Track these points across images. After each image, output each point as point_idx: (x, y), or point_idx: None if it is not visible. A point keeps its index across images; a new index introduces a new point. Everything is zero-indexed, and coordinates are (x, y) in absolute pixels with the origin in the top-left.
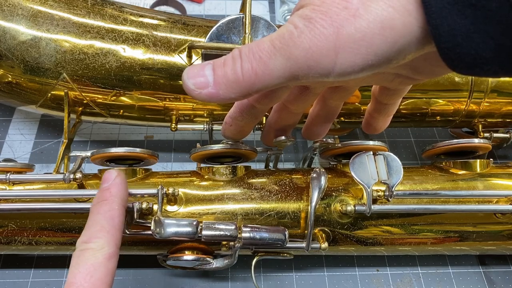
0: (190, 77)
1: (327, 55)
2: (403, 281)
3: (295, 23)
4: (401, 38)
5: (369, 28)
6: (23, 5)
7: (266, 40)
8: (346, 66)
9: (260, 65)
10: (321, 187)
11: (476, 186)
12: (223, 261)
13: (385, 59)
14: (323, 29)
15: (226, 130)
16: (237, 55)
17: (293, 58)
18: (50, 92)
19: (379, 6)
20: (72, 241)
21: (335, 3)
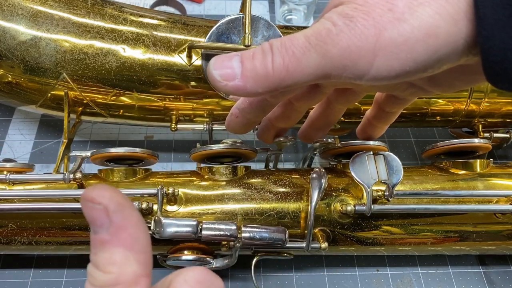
0: (216, 68)
1: (365, 56)
2: (403, 281)
3: (334, 20)
4: (443, 48)
5: (413, 34)
6: (23, 5)
7: (300, 35)
8: (382, 70)
9: (293, 61)
10: (321, 187)
11: (476, 186)
12: (223, 261)
13: (423, 67)
14: (365, 29)
15: (231, 122)
16: (268, 49)
17: (329, 56)
18: (50, 92)
19: (425, 12)
20: (72, 241)
21: (379, 4)
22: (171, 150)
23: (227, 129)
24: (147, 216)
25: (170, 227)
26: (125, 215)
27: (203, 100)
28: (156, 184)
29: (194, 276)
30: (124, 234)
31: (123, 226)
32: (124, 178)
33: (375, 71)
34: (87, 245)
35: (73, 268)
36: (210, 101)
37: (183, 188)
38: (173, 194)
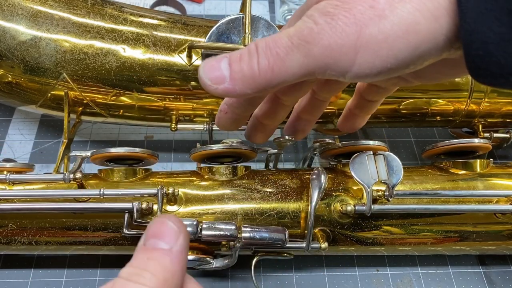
0: (206, 71)
1: (346, 53)
2: (403, 281)
3: (315, 19)
4: (423, 44)
5: (393, 31)
6: (23, 5)
7: (283, 35)
8: (364, 67)
9: (277, 62)
10: (321, 187)
11: (476, 186)
12: (223, 261)
13: (404, 64)
14: (346, 27)
15: (221, 119)
16: (253, 50)
17: (311, 55)
18: (50, 92)
19: (405, 9)
20: (72, 241)
21: (360, 1)
22: (171, 150)
23: (217, 126)
24: (147, 216)
25: None
26: None
27: (203, 100)
28: (156, 184)
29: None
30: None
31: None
32: (124, 178)
33: (357, 68)
34: (87, 245)
35: (73, 268)
36: (210, 101)
37: (183, 188)
38: (173, 194)
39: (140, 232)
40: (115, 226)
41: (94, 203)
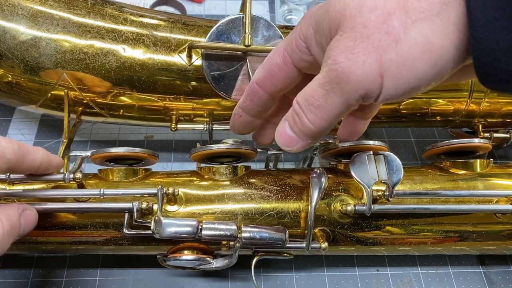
0: (282, 143)
1: (373, 81)
2: (403, 281)
3: (336, 59)
4: (439, 60)
5: (409, 53)
6: (23, 5)
7: (316, 86)
8: (390, 90)
9: (322, 111)
10: (321, 187)
11: (476, 186)
12: (223, 261)
13: (425, 81)
14: (366, 58)
15: (235, 122)
16: (298, 109)
17: (346, 93)
18: (50, 92)
19: (418, 30)
20: (72, 241)
21: (377, 28)
22: (171, 150)
23: (232, 131)
24: (147, 216)
25: (170, 227)
26: None
27: (203, 100)
28: (156, 184)
29: None
30: None
31: None
32: (124, 178)
33: (385, 92)
34: (87, 245)
35: (73, 268)
36: (210, 101)
37: (183, 188)
38: (173, 194)
39: (140, 232)
40: (115, 226)
41: (94, 203)
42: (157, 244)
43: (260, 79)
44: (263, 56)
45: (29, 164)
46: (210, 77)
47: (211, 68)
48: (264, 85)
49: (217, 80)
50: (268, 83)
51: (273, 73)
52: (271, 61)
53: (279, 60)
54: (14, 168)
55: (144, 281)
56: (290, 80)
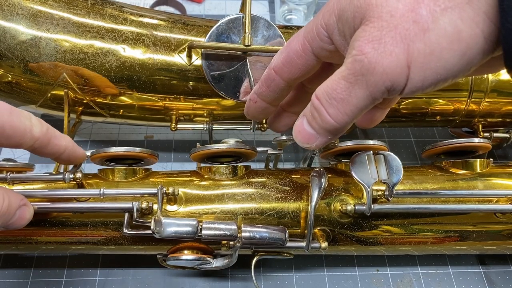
0: (300, 140)
1: (400, 72)
2: (403, 281)
3: (362, 49)
4: (468, 51)
5: (438, 42)
6: (23, 5)
7: (338, 78)
8: (417, 81)
9: (345, 105)
10: (321, 187)
11: (476, 186)
12: (223, 261)
13: (453, 72)
14: (394, 48)
15: (250, 108)
16: (318, 104)
17: (371, 85)
18: (50, 92)
19: (447, 19)
20: (72, 241)
21: (404, 17)
22: (171, 150)
23: (246, 116)
24: (147, 215)
25: (170, 226)
26: None
27: (203, 100)
28: (156, 184)
29: None
30: None
31: None
32: (124, 177)
33: (411, 83)
34: (87, 245)
35: (73, 268)
36: (210, 100)
37: (183, 188)
38: (173, 194)
39: (140, 232)
40: (115, 225)
41: (94, 203)
42: (157, 244)
43: (278, 65)
44: (263, 56)
45: (53, 148)
46: (210, 77)
47: (211, 68)
48: (281, 72)
49: (217, 80)
50: (286, 70)
51: (291, 60)
52: (290, 48)
53: (298, 47)
54: (38, 148)
55: (144, 281)
56: (308, 68)
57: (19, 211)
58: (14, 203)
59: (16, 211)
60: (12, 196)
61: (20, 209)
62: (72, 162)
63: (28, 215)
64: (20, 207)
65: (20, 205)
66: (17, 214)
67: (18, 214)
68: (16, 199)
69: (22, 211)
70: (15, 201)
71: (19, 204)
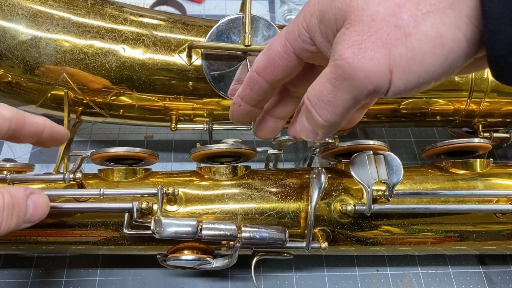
0: (308, 137)
1: (382, 77)
2: (403, 281)
3: (342, 53)
4: (450, 54)
5: (420, 47)
6: (23, 5)
7: (324, 80)
8: (399, 85)
9: (332, 106)
10: (321, 187)
11: (476, 186)
12: (223, 261)
13: (436, 76)
14: (375, 53)
15: (235, 112)
16: (309, 106)
17: (354, 88)
18: (50, 92)
19: (429, 23)
20: (72, 241)
21: (385, 21)
22: (171, 150)
23: (231, 120)
24: (147, 216)
25: (170, 226)
26: None
27: (203, 100)
28: (156, 184)
29: None
30: None
31: None
32: (124, 178)
33: (394, 87)
34: (87, 245)
35: (73, 268)
36: (210, 101)
37: (183, 188)
38: (173, 194)
39: (140, 232)
40: (115, 226)
41: (94, 203)
42: (157, 244)
43: (260, 67)
44: None
45: (32, 126)
46: (210, 77)
47: (211, 68)
48: (264, 74)
49: (217, 80)
50: (268, 72)
51: (274, 62)
52: (271, 50)
53: (279, 49)
54: (17, 130)
55: (144, 281)
56: (291, 69)
57: (30, 200)
58: (19, 194)
59: (26, 202)
60: (13, 189)
61: (31, 198)
62: (55, 141)
63: (42, 200)
64: (28, 196)
65: (27, 195)
66: (30, 204)
67: (31, 203)
68: (20, 191)
69: (35, 199)
70: (20, 193)
71: (25, 194)
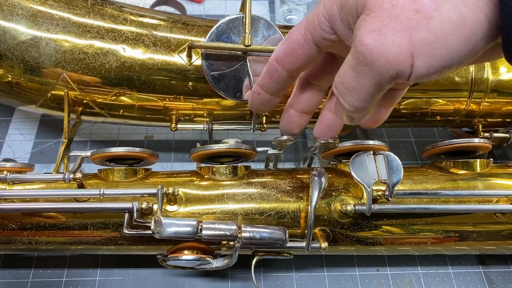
0: (348, 121)
1: (404, 61)
2: (403, 281)
3: (362, 39)
4: (472, 36)
5: (442, 29)
6: (23, 5)
7: (348, 68)
8: (422, 69)
9: (357, 92)
10: (321, 187)
11: (476, 186)
12: (223, 261)
13: (459, 59)
14: (395, 38)
15: (254, 100)
16: (336, 93)
17: (376, 73)
18: (50, 92)
19: (450, 6)
20: (72, 241)
21: (405, 7)
22: (171, 150)
23: (251, 109)
24: (147, 216)
25: (170, 226)
26: None
27: (203, 100)
28: (156, 184)
29: None
30: None
31: None
32: (124, 178)
33: (417, 71)
34: (87, 245)
35: (73, 268)
36: (210, 101)
37: (183, 188)
38: (173, 194)
39: (140, 232)
40: (115, 226)
41: (94, 203)
42: (157, 244)
43: (279, 56)
44: (263, 56)
45: None
46: (210, 77)
47: (211, 68)
48: (283, 63)
49: (217, 80)
50: (288, 60)
51: (293, 50)
52: (291, 38)
53: (299, 38)
54: None
55: (144, 281)
56: (310, 58)
57: None
58: None
59: None
60: None
61: None
62: None
63: None
64: None
65: None
66: None
67: None
68: None
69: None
70: None
71: None
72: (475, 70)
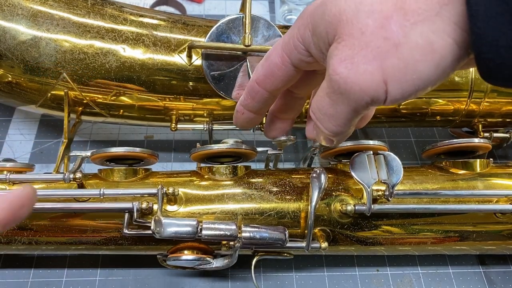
0: (326, 143)
1: (377, 88)
2: (403, 281)
3: (335, 68)
4: (442, 60)
5: (411, 56)
6: (23, 5)
7: (322, 95)
8: (396, 94)
9: (333, 117)
10: (321, 187)
11: (476, 186)
12: (223, 261)
13: (430, 81)
14: (367, 66)
15: (238, 119)
16: (314, 119)
17: (352, 100)
18: (50, 92)
19: (418, 32)
20: (72, 241)
21: (375, 34)
22: (171, 150)
23: (236, 126)
24: (147, 216)
25: (171, 226)
26: None
27: (203, 100)
28: (156, 184)
29: None
30: None
31: None
32: (124, 178)
33: (390, 96)
34: (87, 245)
35: (73, 268)
36: (210, 101)
37: (183, 188)
38: (173, 194)
39: (140, 232)
40: (115, 226)
41: (94, 203)
42: (157, 244)
43: (259, 78)
44: (263, 56)
45: None
46: (210, 77)
47: (211, 68)
48: (264, 84)
49: (217, 80)
50: (268, 81)
51: (272, 73)
52: (269, 61)
53: (277, 60)
54: None
55: (144, 281)
56: (289, 79)
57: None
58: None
59: None
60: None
61: None
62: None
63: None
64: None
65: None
66: None
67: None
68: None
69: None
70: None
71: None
72: (475, 70)
